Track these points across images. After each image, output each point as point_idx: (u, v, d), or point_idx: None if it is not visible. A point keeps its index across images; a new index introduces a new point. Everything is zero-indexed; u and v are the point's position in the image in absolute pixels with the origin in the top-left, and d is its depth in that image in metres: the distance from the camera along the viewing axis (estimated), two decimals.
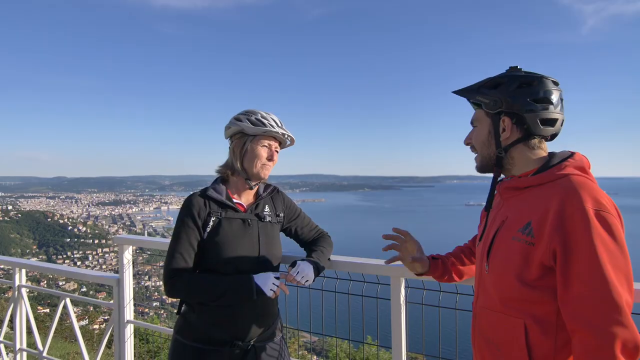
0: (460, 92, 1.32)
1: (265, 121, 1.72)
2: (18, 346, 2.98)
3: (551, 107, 1.19)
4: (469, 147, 1.35)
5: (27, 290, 3.06)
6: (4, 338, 3.21)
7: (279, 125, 1.76)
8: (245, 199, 1.81)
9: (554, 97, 1.20)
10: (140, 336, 5.00)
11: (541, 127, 1.19)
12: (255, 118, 1.72)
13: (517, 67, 1.26)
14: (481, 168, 1.31)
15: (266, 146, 1.75)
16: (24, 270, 3.02)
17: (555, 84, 1.22)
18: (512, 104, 1.20)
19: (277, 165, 1.81)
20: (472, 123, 1.34)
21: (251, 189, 1.80)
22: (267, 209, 1.83)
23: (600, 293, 0.98)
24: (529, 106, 1.18)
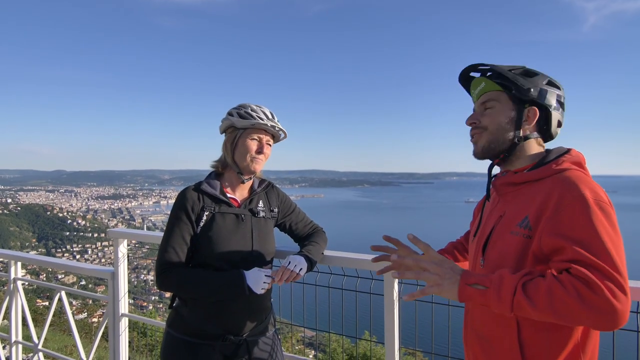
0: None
1: (254, 114, 1.70)
2: (14, 339, 2.98)
3: (563, 112, 1.24)
4: (470, 126, 1.29)
5: (23, 283, 3.06)
6: (1, 331, 3.22)
7: (270, 117, 1.74)
8: (239, 193, 1.81)
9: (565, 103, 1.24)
10: (139, 330, 5.01)
11: (556, 128, 1.23)
12: (245, 111, 1.71)
13: (523, 67, 1.25)
14: (486, 151, 1.25)
15: (256, 139, 1.73)
16: (19, 263, 3.02)
17: None
18: (544, 98, 1.20)
19: (276, 161, 1.80)
20: (484, 103, 1.25)
21: (243, 183, 1.80)
22: (261, 204, 1.83)
23: (603, 258, 0.94)
24: (557, 105, 1.21)
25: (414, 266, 1.15)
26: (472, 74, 1.31)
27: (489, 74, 1.24)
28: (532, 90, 1.18)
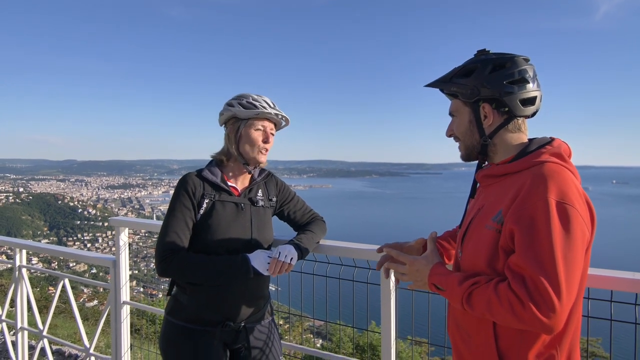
0: (434, 85, 1.29)
1: (257, 103, 1.69)
2: (19, 325, 3.04)
3: (528, 85, 1.16)
4: (451, 138, 1.32)
5: (33, 270, 3.10)
6: (8, 317, 3.28)
7: (272, 106, 1.73)
8: (240, 183, 1.81)
9: (529, 75, 1.17)
10: (147, 318, 5.08)
11: (522, 107, 1.17)
12: (247, 101, 1.69)
13: (485, 49, 1.23)
14: (467, 157, 1.29)
15: (260, 129, 1.73)
16: (24, 251, 3.06)
17: (527, 60, 1.19)
18: (489, 90, 1.17)
19: (285, 151, 1.81)
20: (450, 114, 1.30)
21: (249, 173, 1.80)
22: (260, 193, 1.82)
23: (547, 272, 0.96)
24: (507, 88, 1.15)
25: (394, 260, 1.33)
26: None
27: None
28: (473, 89, 1.18)
